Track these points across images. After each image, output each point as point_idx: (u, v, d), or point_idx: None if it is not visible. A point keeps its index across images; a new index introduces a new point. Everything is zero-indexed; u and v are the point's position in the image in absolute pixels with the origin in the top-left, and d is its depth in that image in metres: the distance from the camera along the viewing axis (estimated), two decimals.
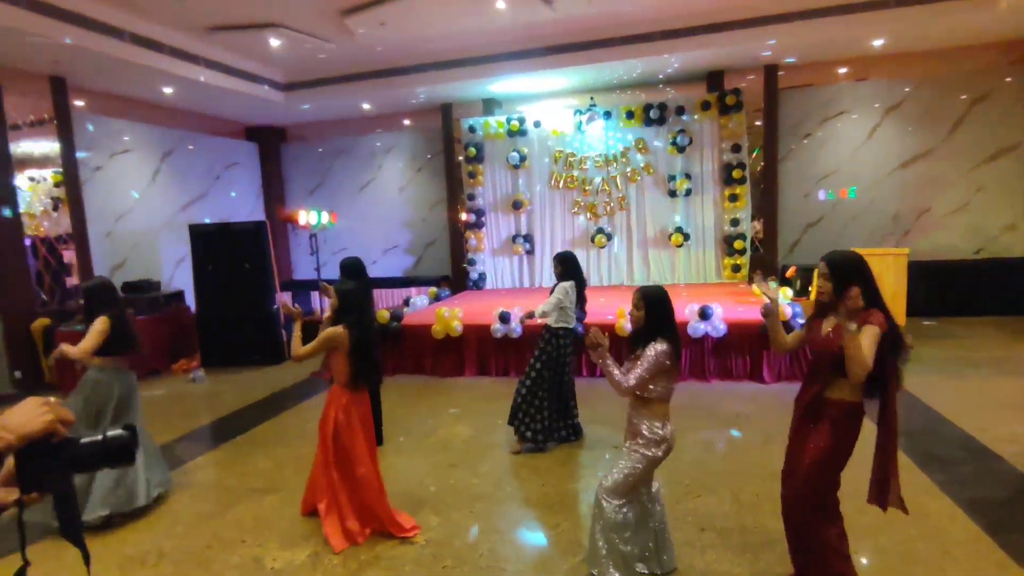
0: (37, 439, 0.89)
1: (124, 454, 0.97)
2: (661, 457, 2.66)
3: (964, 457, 3.99)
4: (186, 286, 8.74)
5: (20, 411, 0.91)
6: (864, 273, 2.36)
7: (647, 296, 2.63)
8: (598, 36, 8.18)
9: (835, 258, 2.40)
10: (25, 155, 7.14)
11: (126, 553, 3.30)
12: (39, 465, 0.90)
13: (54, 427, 0.91)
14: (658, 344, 2.56)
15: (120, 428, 0.98)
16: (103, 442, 0.95)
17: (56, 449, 0.92)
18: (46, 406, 0.92)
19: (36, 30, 5.87)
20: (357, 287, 3.40)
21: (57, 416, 0.92)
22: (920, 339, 7.17)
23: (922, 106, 8.78)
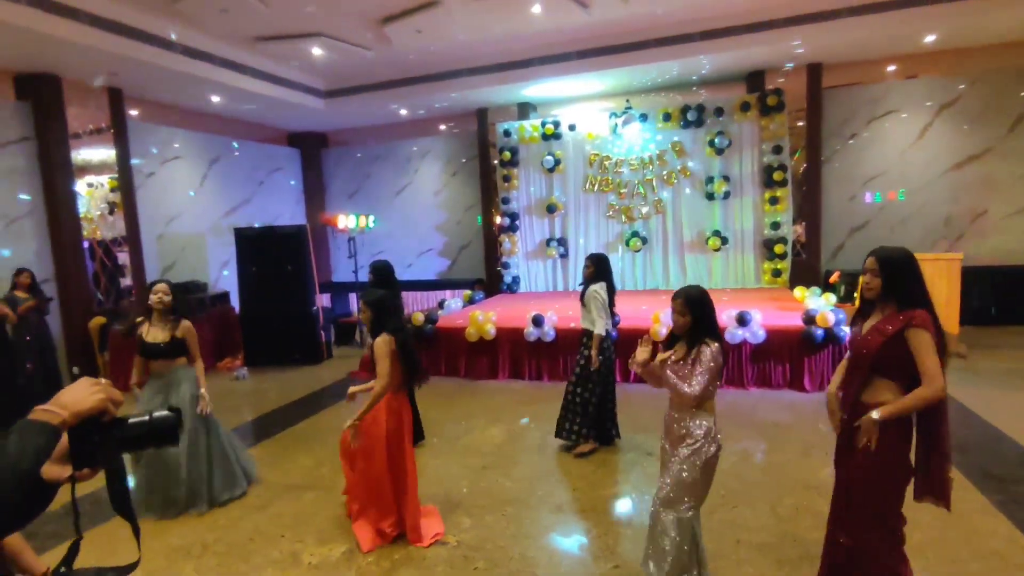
0: (89, 417, 0.95)
1: (169, 435, 1.02)
2: (715, 455, 2.55)
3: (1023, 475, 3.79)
4: (231, 287, 9.07)
5: (74, 390, 0.97)
6: (915, 270, 2.28)
7: (690, 300, 2.57)
8: (634, 38, 8.11)
9: (885, 253, 2.31)
10: (84, 162, 7.54)
11: (172, 544, 3.44)
12: (91, 443, 0.96)
13: (105, 405, 0.96)
14: (711, 345, 2.52)
15: (165, 411, 1.03)
16: (150, 422, 1.01)
17: (107, 428, 0.97)
18: (98, 386, 0.97)
19: (95, 44, 6.20)
20: (385, 294, 3.43)
21: (108, 396, 0.97)
22: (975, 349, 6.83)
23: (979, 104, 8.37)
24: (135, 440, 1.01)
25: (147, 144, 8.53)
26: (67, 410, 0.94)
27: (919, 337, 2.17)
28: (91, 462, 0.97)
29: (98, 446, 0.97)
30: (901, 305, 2.26)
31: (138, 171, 8.27)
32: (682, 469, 2.53)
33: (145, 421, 1.01)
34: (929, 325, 2.19)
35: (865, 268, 2.34)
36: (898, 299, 2.27)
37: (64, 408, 0.94)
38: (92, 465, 0.97)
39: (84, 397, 0.95)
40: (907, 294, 2.26)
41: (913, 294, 2.25)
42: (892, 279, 2.27)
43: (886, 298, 2.30)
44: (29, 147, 6.98)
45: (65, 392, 0.97)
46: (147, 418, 1.01)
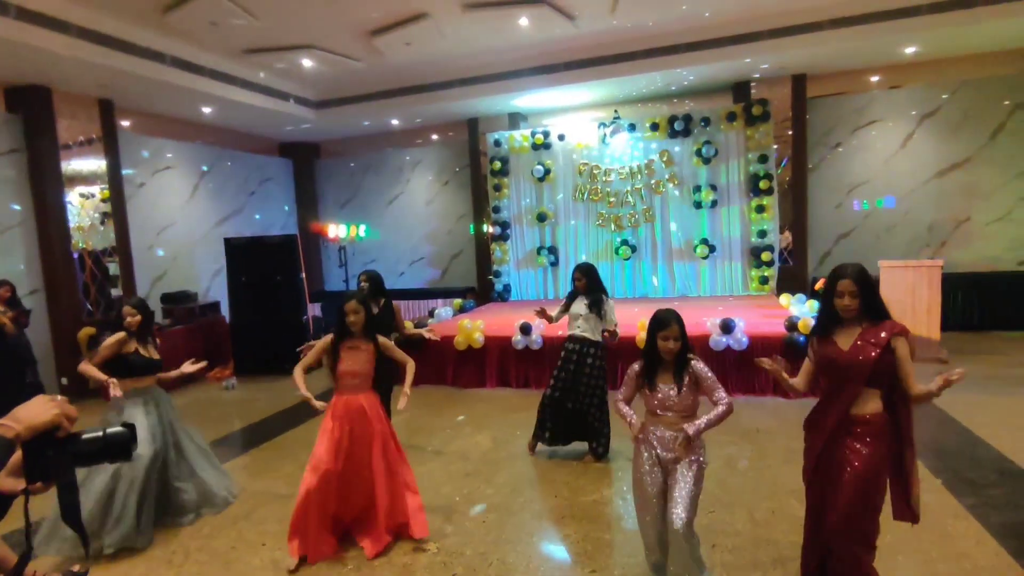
0: (43, 432, 0.99)
1: (122, 450, 1.06)
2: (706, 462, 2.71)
3: (997, 480, 3.84)
4: (221, 297, 9.10)
5: (30, 406, 1.01)
6: (875, 285, 2.41)
7: (678, 318, 2.66)
8: (621, 50, 8.23)
9: (859, 274, 2.37)
10: (75, 172, 7.59)
11: (153, 553, 3.45)
12: (45, 457, 0.99)
13: (60, 420, 1.00)
14: (698, 360, 2.69)
15: (120, 426, 1.07)
16: (104, 438, 1.04)
17: (61, 442, 1.01)
18: (53, 402, 1.02)
19: (86, 57, 6.27)
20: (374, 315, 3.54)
21: (63, 412, 1.01)
22: (957, 354, 6.90)
23: (960, 113, 8.52)
24: (89, 455, 1.04)
25: (138, 154, 8.58)
26: (21, 424, 0.97)
27: (905, 345, 2.30)
28: (44, 476, 1.00)
29: (52, 460, 1.00)
30: (874, 318, 2.36)
31: (129, 181, 8.31)
32: (694, 485, 2.60)
33: (99, 437, 1.04)
34: (907, 332, 2.32)
35: (841, 290, 2.37)
36: (871, 313, 2.37)
37: (18, 422, 0.97)
38: (45, 479, 1.00)
39: (39, 412, 0.99)
40: (878, 307, 2.37)
41: (882, 306, 2.37)
42: (868, 296, 2.36)
43: (862, 314, 2.37)
44: (19, 158, 7.03)
45: (21, 407, 1.00)
46: (101, 434, 1.04)
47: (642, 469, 2.69)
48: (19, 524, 1.06)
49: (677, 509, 2.55)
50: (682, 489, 2.57)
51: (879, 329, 2.33)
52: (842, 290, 2.36)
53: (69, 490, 1.01)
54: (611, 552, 3.24)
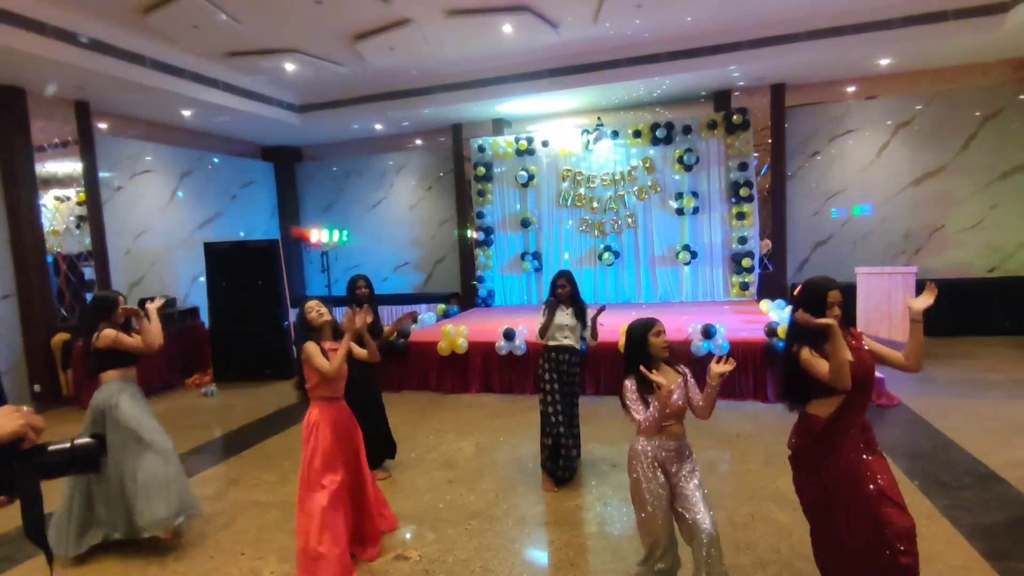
0: (7, 444, 0.95)
1: (90, 462, 1.03)
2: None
3: (969, 482, 3.93)
4: (201, 303, 8.96)
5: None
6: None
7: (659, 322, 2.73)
8: (604, 58, 8.31)
9: (840, 287, 2.45)
10: (50, 175, 7.43)
11: (129, 563, 3.38)
12: (9, 469, 0.96)
13: (24, 431, 0.97)
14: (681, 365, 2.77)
15: (88, 437, 1.04)
16: (71, 450, 1.01)
17: (26, 455, 0.98)
18: (17, 413, 0.98)
19: (61, 58, 6.16)
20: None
21: (28, 422, 0.98)
22: (931, 359, 7.06)
23: (933, 123, 8.74)
24: (55, 467, 1.01)
25: (116, 157, 8.45)
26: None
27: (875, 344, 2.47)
28: (8, 489, 0.97)
29: (16, 473, 0.97)
30: (845, 323, 2.45)
31: (106, 185, 8.17)
32: (704, 492, 2.58)
33: (66, 448, 1.01)
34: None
35: (832, 301, 2.41)
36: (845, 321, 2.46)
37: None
38: (9, 492, 0.97)
39: (2, 423, 0.96)
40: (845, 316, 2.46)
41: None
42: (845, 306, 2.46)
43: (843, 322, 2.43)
44: None
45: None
46: (68, 445, 1.01)
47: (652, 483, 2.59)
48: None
49: (704, 515, 2.48)
50: (695, 493, 2.54)
51: (853, 336, 2.44)
52: (832, 301, 2.41)
53: (33, 505, 0.98)
54: (593, 558, 3.25)
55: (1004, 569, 2.90)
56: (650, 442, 2.64)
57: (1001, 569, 2.90)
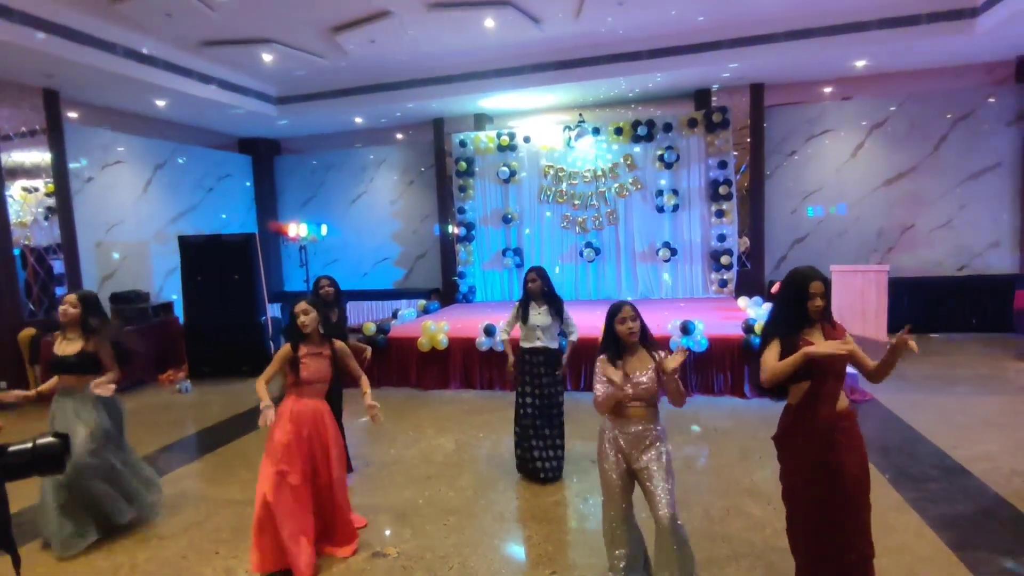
0: None
1: (54, 462, 1.00)
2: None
3: (936, 475, 4.03)
4: (175, 296, 8.79)
5: None
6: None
7: (634, 306, 2.71)
8: (585, 54, 8.33)
9: (825, 276, 2.46)
10: (16, 165, 7.20)
11: (98, 565, 3.30)
12: None
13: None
14: (659, 350, 2.70)
15: (51, 436, 1.00)
16: (32, 450, 0.98)
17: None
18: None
19: (29, 44, 5.96)
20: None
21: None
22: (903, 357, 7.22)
23: (906, 124, 8.93)
24: (18, 468, 0.98)
25: (86, 148, 8.22)
26: None
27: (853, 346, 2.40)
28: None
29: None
30: (829, 318, 2.50)
31: (76, 176, 7.95)
32: (669, 478, 2.58)
33: (28, 448, 0.98)
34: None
35: (814, 292, 2.41)
36: (828, 314, 2.50)
37: None
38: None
39: None
40: (830, 307, 2.51)
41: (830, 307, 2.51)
42: (830, 297, 2.47)
43: (823, 315, 2.47)
44: None
45: None
46: (30, 445, 0.98)
47: (607, 464, 2.65)
48: None
49: (661, 506, 2.50)
50: (658, 484, 2.54)
51: (836, 328, 2.49)
52: (814, 292, 2.42)
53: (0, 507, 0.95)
54: (572, 553, 3.27)
55: (970, 559, 2.98)
56: (609, 423, 2.70)
57: (967, 559, 2.98)
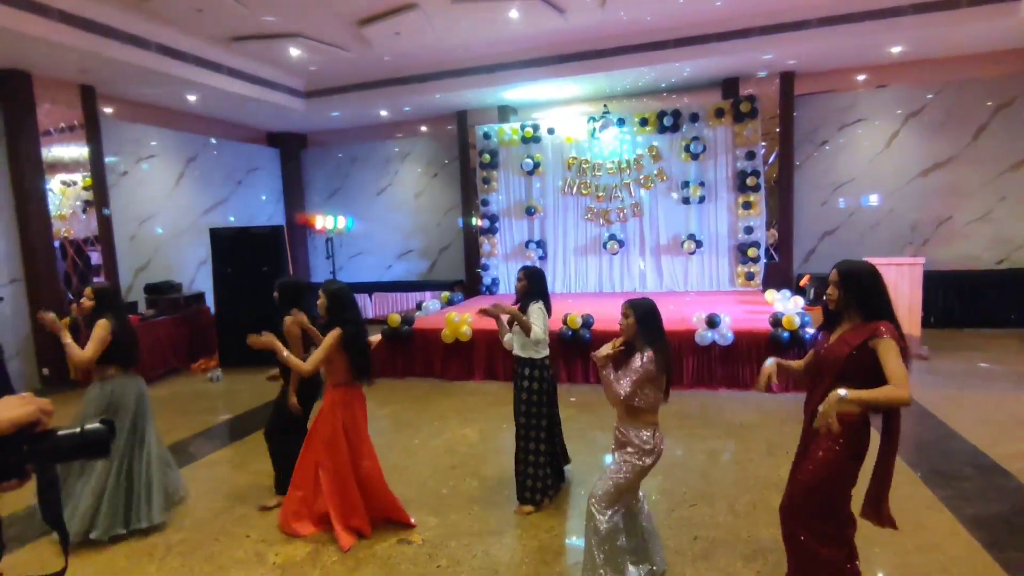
0: (16, 429, 0.97)
1: (100, 447, 1.04)
2: (650, 465, 2.68)
3: (971, 473, 3.93)
4: (207, 288, 9.01)
5: (7, 401, 0.99)
6: (875, 283, 2.32)
7: (635, 305, 2.69)
8: (611, 44, 8.24)
9: (846, 267, 2.36)
10: (56, 160, 7.44)
11: (134, 546, 3.43)
12: (19, 454, 0.98)
13: (31, 418, 0.99)
14: (646, 352, 2.59)
15: (98, 422, 1.05)
16: (81, 434, 1.03)
17: (37, 439, 1.00)
18: (24, 400, 1.00)
19: (66, 41, 6.14)
20: (340, 287, 3.48)
21: (37, 407, 1.00)
22: (937, 351, 7.04)
23: (944, 113, 8.63)
24: (66, 451, 1.03)
25: (121, 142, 8.45)
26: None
27: (886, 345, 2.21)
28: (19, 473, 0.99)
29: (27, 457, 0.99)
30: (865, 317, 2.31)
31: (112, 169, 8.18)
32: (618, 473, 2.65)
33: (76, 433, 1.02)
34: (894, 334, 2.23)
35: (829, 280, 2.40)
36: (861, 311, 2.32)
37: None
38: (20, 476, 1.00)
39: (15, 406, 0.98)
40: (869, 306, 2.30)
41: (875, 306, 2.29)
42: (853, 291, 2.32)
43: (849, 310, 2.35)
44: None
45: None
46: (78, 430, 1.03)
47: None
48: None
49: (592, 489, 2.70)
50: (608, 470, 2.71)
51: (864, 328, 2.28)
52: (829, 280, 2.40)
53: (50, 488, 1.00)
54: None
55: (1004, 560, 2.91)
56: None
57: (1001, 560, 2.91)
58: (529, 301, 3.65)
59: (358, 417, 3.43)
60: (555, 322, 6.56)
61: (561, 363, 6.60)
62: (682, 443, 4.66)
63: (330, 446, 3.36)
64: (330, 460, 3.37)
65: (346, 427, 3.37)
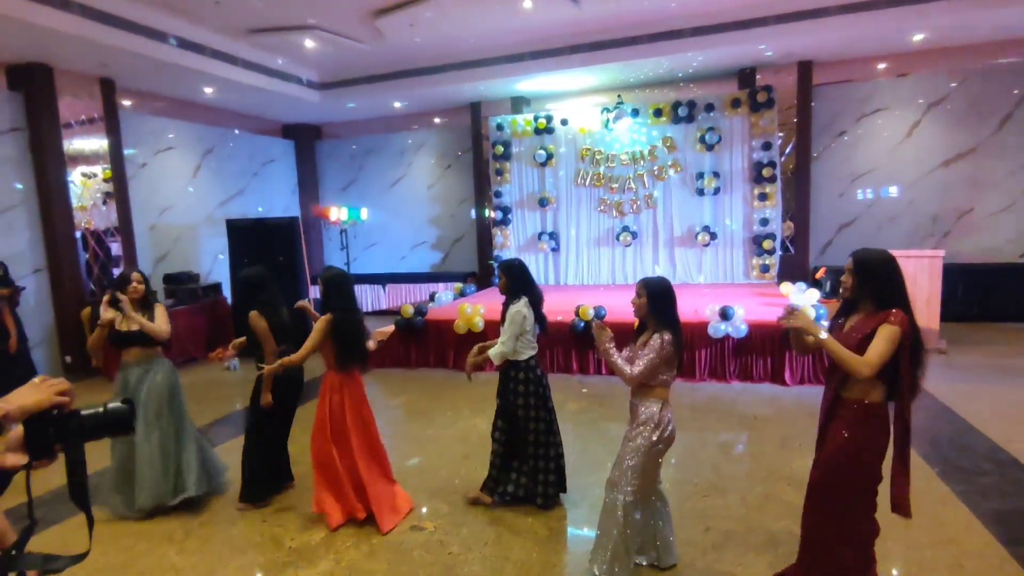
0: (41, 411, 1.02)
1: (124, 424, 1.09)
2: (660, 443, 2.63)
3: (989, 468, 3.88)
4: (223, 278, 9.13)
5: (24, 388, 1.04)
6: (891, 272, 2.30)
7: (648, 284, 2.71)
8: (625, 34, 8.15)
9: (861, 256, 2.36)
10: (77, 152, 7.57)
11: (155, 531, 3.52)
12: (47, 434, 1.03)
13: (53, 401, 1.04)
14: (664, 334, 2.61)
15: (119, 401, 1.10)
16: (104, 413, 1.07)
17: (62, 420, 1.04)
18: (45, 384, 1.05)
19: (87, 35, 6.23)
20: (337, 274, 3.51)
21: (60, 389, 1.05)
22: (956, 345, 6.94)
23: (967, 102, 8.43)
24: (90, 430, 1.07)
25: (140, 135, 8.56)
26: (12, 404, 1.01)
27: (886, 329, 2.21)
28: (48, 453, 1.04)
29: (54, 438, 1.03)
30: (878, 305, 2.30)
31: (131, 161, 8.30)
32: (627, 453, 2.66)
33: (99, 412, 1.07)
34: (903, 323, 2.22)
35: (844, 268, 2.41)
36: (875, 300, 2.31)
37: (9, 403, 1.01)
38: (49, 455, 1.04)
39: (30, 393, 1.03)
40: (883, 295, 2.29)
41: (889, 295, 2.28)
42: (867, 280, 2.31)
43: (863, 298, 2.34)
44: (20, 137, 7.01)
45: (17, 390, 1.05)
46: (101, 409, 1.07)
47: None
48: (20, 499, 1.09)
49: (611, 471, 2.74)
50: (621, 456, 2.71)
51: (877, 317, 2.28)
52: (844, 268, 2.42)
53: (77, 469, 1.04)
54: None
55: (1020, 555, 2.88)
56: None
57: (1017, 555, 2.88)
58: (512, 299, 3.48)
59: (346, 404, 3.40)
60: (567, 313, 6.62)
61: (573, 354, 6.61)
62: (695, 435, 4.66)
63: (317, 431, 3.44)
64: (314, 444, 3.45)
65: (333, 413, 3.40)
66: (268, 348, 3.64)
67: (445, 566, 3.03)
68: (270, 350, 3.62)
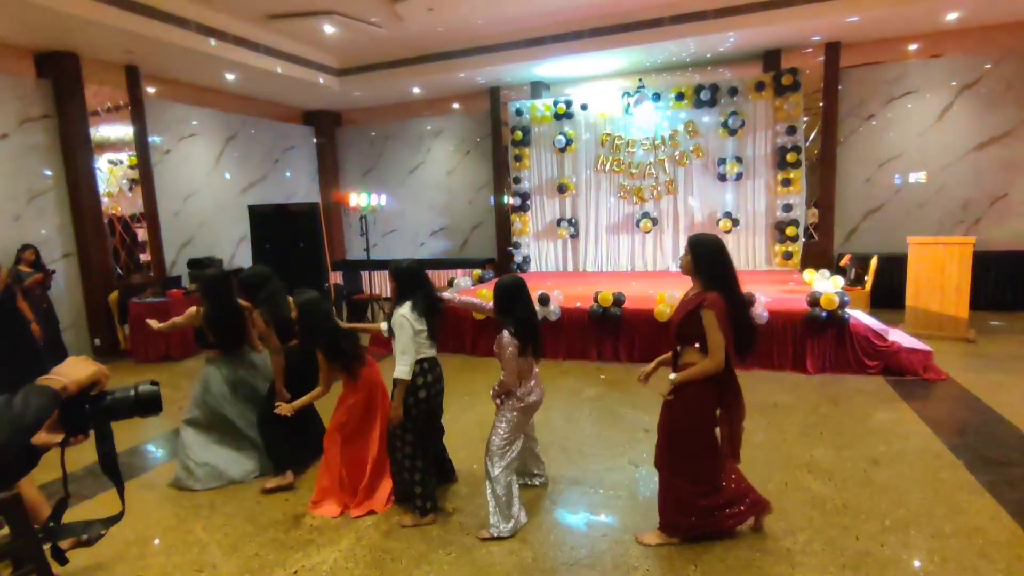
0: (84, 387, 1.06)
1: (152, 406, 1.14)
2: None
3: (1018, 459, 3.79)
4: (246, 263, 9.27)
5: (69, 364, 1.08)
6: (715, 255, 2.66)
7: (693, 242, 2.77)
8: (647, 16, 8.01)
9: (695, 239, 2.75)
10: (103, 139, 7.72)
11: (183, 504, 3.63)
12: (81, 411, 1.07)
13: (98, 377, 1.08)
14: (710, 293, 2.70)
15: (149, 384, 1.14)
16: (136, 395, 1.12)
17: (96, 398, 1.09)
18: (88, 361, 1.10)
19: (112, 22, 6.31)
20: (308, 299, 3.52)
21: (98, 368, 1.09)
22: (987, 334, 6.76)
23: (1003, 84, 8.13)
24: (122, 410, 1.12)
25: (164, 122, 8.69)
26: (68, 378, 1.05)
27: (707, 317, 2.58)
28: (83, 430, 1.08)
29: (89, 415, 1.08)
30: (705, 285, 2.67)
31: (155, 148, 8.44)
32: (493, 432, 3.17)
33: (131, 394, 1.12)
34: (716, 306, 2.57)
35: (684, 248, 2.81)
36: (703, 279, 2.68)
37: (65, 376, 1.05)
38: (84, 431, 1.08)
39: (81, 369, 1.07)
40: (707, 275, 2.66)
41: (711, 276, 2.64)
42: (697, 260, 2.67)
43: (695, 276, 2.71)
44: (50, 124, 7.17)
45: (63, 365, 1.09)
46: (132, 392, 1.12)
47: None
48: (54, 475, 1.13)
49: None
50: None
51: (698, 296, 2.66)
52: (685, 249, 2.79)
53: (106, 441, 1.09)
54: (623, 516, 3.31)
55: None
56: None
57: None
58: (396, 305, 3.23)
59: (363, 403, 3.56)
60: (586, 300, 6.61)
61: (592, 341, 6.60)
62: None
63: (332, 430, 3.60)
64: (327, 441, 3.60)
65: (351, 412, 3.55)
66: (271, 345, 3.77)
67: (463, 547, 3.07)
68: (273, 347, 3.74)
